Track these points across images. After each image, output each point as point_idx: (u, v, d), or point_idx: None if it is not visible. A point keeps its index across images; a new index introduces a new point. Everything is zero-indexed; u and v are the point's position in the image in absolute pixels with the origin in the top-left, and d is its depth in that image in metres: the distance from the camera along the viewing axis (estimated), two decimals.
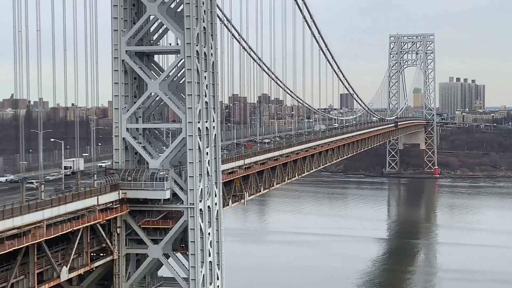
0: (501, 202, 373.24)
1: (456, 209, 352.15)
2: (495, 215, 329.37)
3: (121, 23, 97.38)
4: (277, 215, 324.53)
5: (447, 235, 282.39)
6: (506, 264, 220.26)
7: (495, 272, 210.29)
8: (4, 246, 72.23)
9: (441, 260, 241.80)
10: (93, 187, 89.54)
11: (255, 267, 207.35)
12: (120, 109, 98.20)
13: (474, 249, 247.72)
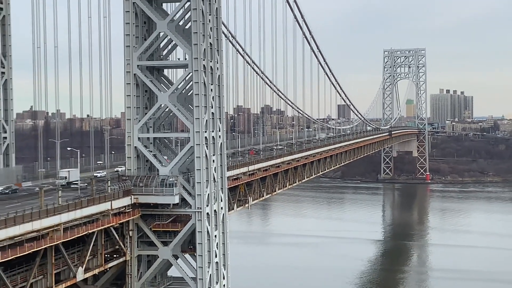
0: (489, 206, 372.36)
1: (447, 213, 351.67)
2: (484, 218, 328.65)
3: (133, 40, 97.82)
4: (279, 219, 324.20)
5: (439, 237, 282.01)
6: (495, 264, 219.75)
7: (485, 271, 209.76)
8: (24, 248, 72.56)
9: (433, 260, 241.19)
10: (107, 193, 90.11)
11: (260, 268, 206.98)
12: (132, 119, 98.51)
13: (464, 250, 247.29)
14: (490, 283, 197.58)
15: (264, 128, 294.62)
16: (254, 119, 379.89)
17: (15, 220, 71.49)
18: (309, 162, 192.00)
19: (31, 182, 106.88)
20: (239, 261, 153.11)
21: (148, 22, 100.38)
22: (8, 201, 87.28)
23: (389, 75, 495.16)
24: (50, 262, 79.02)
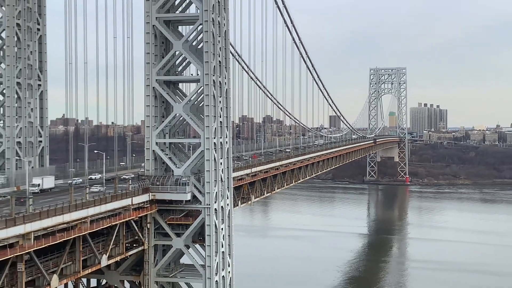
0: (461, 205, 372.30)
1: (424, 211, 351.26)
2: (457, 216, 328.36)
3: (152, 57, 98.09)
4: (278, 214, 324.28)
5: (417, 232, 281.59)
6: (466, 256, 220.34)
7: (457, 262, 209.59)
8: (56, 237, 72.91)
9: (412, 252, 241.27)
10: (128, 190, 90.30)
11: (261, 257, 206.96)
12: (151, 126, 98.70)
13: (439, 244, 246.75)
14: (462, 272, 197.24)
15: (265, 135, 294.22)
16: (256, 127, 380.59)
17: (48, 213, 71.72)
18: (304, 165, 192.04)
19: (62, 180, 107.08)
20: (243, 251, 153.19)
21: (165, 42, 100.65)
22: (42, 196, 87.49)
23: (374, 90, 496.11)
24: (78, 250, 79.28)
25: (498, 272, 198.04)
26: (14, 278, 69.03)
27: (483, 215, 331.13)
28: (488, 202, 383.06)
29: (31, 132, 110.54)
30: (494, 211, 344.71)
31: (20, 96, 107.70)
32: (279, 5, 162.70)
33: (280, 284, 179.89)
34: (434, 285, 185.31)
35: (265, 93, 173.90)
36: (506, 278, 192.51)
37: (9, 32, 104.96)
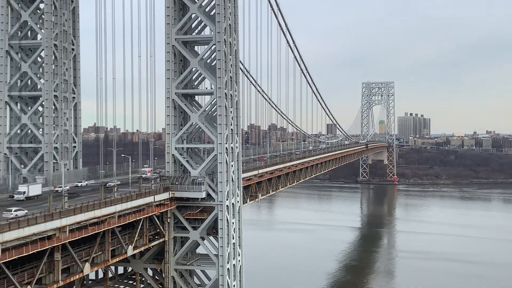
0: (443, 202, 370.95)
1: (410, 207, 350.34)
2: (439, 211, 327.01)
3: (172, 73, 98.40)
4: (282, 210, 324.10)
5: (404, 226, 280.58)
6: (448, 247, 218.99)
7: (440, 252, 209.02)
8: (88, 230, 73.19)
9: (399, 243, 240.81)
10: (151, 189, 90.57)
11: (267, 247, 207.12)
12: (171, 133, 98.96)
13: (424, 236, 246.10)
14: (445, 261, 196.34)
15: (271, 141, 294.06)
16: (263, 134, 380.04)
17: (81, 209, 72.05)
18: (305, 167, 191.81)
19: (94, 180, 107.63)
20: (251, 242, 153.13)
21: (183, 60, 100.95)
22: (77, 194, 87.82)
23: (366, 101, 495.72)
24: (108, 241, 79.56)
25: (476, 261, 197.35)
26: (52, 266, 69.32)
27: (463, 210, 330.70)
28: (467, 199, 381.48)
29: (67, 138, 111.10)
30: (472, 208, 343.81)
31: (57, 107, 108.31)
32: (282, 27, 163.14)
33: (284, 270, 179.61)
34: (420, 273, 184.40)
35: (270, 104, 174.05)
36: (483, 266, 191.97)
37: (48, 52, 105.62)
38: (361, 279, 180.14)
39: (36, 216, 64.43)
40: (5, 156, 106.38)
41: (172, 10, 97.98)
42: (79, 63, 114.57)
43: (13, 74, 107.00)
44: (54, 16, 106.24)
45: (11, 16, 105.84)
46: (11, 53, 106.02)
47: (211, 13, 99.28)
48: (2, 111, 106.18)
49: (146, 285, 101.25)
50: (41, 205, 74.42)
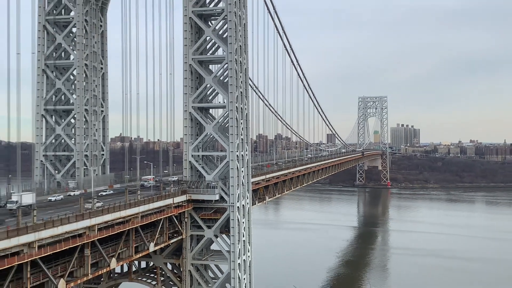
0: (432, 204, 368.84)
1: (402, 208, 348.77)
2: (428, 212, 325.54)
3: (189, 89, 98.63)
4: (287, 211, 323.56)
5: (396, 225, 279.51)
6: (437, 244, 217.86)
7: (429, 249, 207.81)
8: (114, 229, 73.17)
9: (393, 241, 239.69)
10: (170, 192, 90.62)
11: (273, 244, 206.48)
12: (188, 142, 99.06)
13: (415, 234, 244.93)
14: (434, 257, 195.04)
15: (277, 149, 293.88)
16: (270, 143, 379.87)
17: (109, 210, 72.15)
18: (307, 172, 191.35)
19: (120, 185, 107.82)
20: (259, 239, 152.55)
21: (199, 77, 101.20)
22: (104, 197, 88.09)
23: (362, 114, 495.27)
24: (132, 239, 79.43)
25: (463, 257, 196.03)
26: (82, 260, 69.39)
27: (450, 211, 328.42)
28: (453, 201, 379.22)
29: (96, 147, 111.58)
30: (457, 209, 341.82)
31: (87, 119, 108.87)
32: (287, 48, 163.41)
33: (289, 265, 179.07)
34: (412, 267, 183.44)
35: (276, 116, 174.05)
36: (469, 261, 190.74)
37: (79, 70, 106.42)
38: (359, 273, 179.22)
39: (69, 216, 64.61)
40: (41, 163, 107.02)
41: (189, 33, 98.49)
42: (107, 80, 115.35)
43: (48, 90, 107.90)
44: (85, 39, 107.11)
45: (47, 39, 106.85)
46: (47, 71, 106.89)
47: (224, 36, 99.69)
48: (39, 123, 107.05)
49: (166, 278, 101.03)
50: (72, 207, 74.69)
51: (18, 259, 55.88)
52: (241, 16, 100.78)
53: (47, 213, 68.53)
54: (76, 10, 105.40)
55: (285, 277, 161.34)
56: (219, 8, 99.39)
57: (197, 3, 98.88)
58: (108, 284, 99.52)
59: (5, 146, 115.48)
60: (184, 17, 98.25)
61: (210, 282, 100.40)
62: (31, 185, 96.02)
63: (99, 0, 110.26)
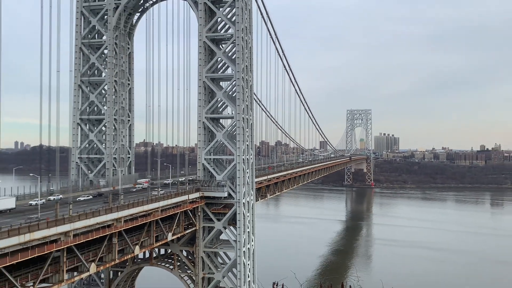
0: (409, 202, 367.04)
1: (384, 205, 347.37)
2: (407, 209, 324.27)
3: (202, 102, 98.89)
4: (285, 207, 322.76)
5: (379, 219, 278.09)
6: (414, 236, 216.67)
7: (408, 241, 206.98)
8: (138, 221, 73.30)
9: (376, 233, 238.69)
10: (186, 190, 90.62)
11: (273, 235, 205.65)
12: (201, 147, 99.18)
13: (395, 228, 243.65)
14: (412, 248, 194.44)
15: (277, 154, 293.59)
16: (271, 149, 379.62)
17: (133, 204, 72.23)
18: (303, 174, 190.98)
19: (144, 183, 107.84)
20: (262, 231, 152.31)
21: (211, 92, 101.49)
22: (129, 194, 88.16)
23: (350, 124, 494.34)
24: (153, 229, 79.51)
25: (437, 248, 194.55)
26: (110, 248, 69.43)
27: (425, 208, 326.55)
28: (428, 200, 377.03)
29: (123, 151, 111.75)
30: (431, 206, 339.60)
31: (116, 127, 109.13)
32: (286, 67, 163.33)
33: (287, 253, 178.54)
34: (392, 256, 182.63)
35: (276, 125, 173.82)
36: (441, 251, 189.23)
37: (109, 86, 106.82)
38: (346, 260, 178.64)
39: (99, 210, 64.70)
40: (77, 164, 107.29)
41: (203, 55, 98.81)
42: (133, 94, 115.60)
43: (83, 102, 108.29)
44: (115, 59, 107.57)
45: (83, 59, 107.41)
46: (82, 87, 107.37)
47: (233, 57, 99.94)
48: (75, 130, 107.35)
49: (182, 263, 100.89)
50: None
51: (56, 245, 55.95)
52: (247, 40, 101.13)
53: (81, 207, 68.71)
54: (107, 34, 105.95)
55: (284, 263, 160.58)
56: (229, 34, 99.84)
57: (210, 29, 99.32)
58: (132, 268, 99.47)
59: (46, 150, 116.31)
60: (199, 41, 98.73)
61: (219, 267, 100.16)
62: (68, 183, 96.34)
63: (127, 26, 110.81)
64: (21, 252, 50.98)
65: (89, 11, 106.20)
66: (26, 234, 51.37)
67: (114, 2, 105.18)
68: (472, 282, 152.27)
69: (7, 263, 49.21)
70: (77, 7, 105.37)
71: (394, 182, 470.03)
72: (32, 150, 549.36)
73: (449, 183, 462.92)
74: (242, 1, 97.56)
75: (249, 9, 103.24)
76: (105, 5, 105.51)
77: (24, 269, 54.41)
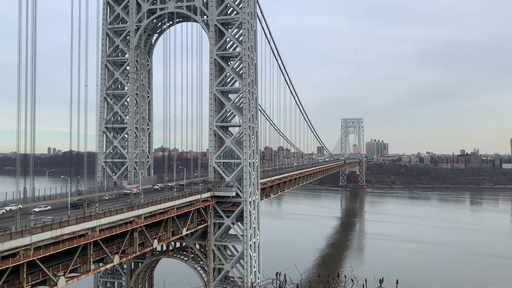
0: (398, 200, 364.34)
1: (375, 204, 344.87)
2: (395, 206, 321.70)
3: (213, 112, 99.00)
4: (287, 205, 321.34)
5: (371, 216, 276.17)
6: (402, 231, 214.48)
7: (397, 235, 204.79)
8: (156, 217, 73.18)
9: (368, 228, 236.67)
10: (199, 190, 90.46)
11: (277, 230, 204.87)
12: (212, 152, 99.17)
13: (385, 223, 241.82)
14: (400, 242, 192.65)
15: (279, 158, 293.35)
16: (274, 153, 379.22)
17: (152, 203, 72.20)
18: (303, 175, 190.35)
19: (162, 184, 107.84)
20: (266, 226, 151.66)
21: (221, 103, 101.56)
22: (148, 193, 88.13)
23: (344, 131, 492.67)
24: (169, 225, 79.35)
25: (422, 241, 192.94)
26: (132, 241, 69.37)
27: (411, 206, 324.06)
28: (414, 199, 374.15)
29: (143, 156, 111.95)
30: (417, 204, 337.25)
31: (137, 134, 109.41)
32: (287, 81, 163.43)
33: (288, 245, 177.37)
34: (382, 248, 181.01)
35: (278, 132, 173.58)
36: (427, 244, 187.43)
37: (131, 98, 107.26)
38: (341, 252, 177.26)
39: (122, 208, 64.73)
40: (102, 167, 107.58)
41: (214, 70, 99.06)
42: (152, 105, 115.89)
43: (108, 113, 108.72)
44: (136, 74, 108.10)
45: (108, 75, 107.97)
46: (107, 99, 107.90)
47: (240, 72, 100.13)
48: (101, 137, 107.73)
49: (195, 255, 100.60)
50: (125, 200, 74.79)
51: (84, 239, 55.98)
52: (253, 58, 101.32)
53: (106, 205, 68.73)
54: (129, 53, 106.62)
55: (286, 255, 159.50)
56: (236, 52, 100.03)
57: (220, 48, 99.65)
58: (151, 259, 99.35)
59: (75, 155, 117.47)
60: (210, 58, 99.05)
61: (228, 258, 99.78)
62: (94, 184, 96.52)
63: (146, 46, 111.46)
64: (53, 245, 51.07)
65: (114, 32, 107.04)
66: (57, 229, 51.47)
67: (136, 24, 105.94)
68: (453, 271, 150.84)
69: (41, 255, 49.31)
70: (103, 29, 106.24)
71: (384, 183, 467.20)
72: (63, 155, 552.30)
73: (433, 183, 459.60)
74: (248, 23, 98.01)
75: (254, 30, 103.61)
76: (128, 27, 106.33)
77: (56, 261, 54.48)
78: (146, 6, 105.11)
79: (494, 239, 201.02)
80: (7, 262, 45.06)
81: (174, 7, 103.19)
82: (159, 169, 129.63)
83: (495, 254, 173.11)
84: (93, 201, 63.30)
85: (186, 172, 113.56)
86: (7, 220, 55.22)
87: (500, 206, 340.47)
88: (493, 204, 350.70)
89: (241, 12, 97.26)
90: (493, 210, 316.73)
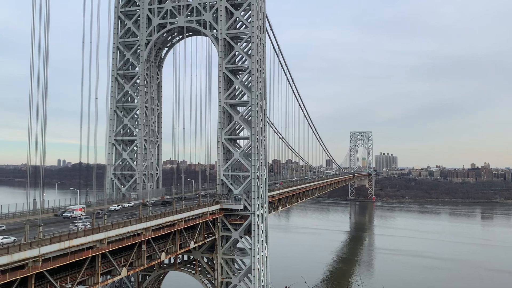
0: (407, 214, 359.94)
1: (384, 218, 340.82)
2: (405, 221, 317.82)
3: (221, 125, 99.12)
4: (295, 218, 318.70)
5: (380, 230, 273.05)
6: (412, 246, 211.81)
7: (406, 250, 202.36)
8: (164, 230, 72.77)
9: (377, 243, 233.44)
10: (206, 202, 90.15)
11: (285, 244, 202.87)
12: (220, 165, 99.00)
13: (394, 238, 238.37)
14: (410, 256, 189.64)
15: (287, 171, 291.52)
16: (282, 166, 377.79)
17: (160, 215, 71.98)
18: (311, 189, 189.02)
19: (169, 196, 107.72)
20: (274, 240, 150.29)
21: (229, 116, 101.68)
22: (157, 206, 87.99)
23: (353, 144, 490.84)
24: (177, 238, 78.82)
25: (433, 256, 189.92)
26: (139, 254, 69.00)
27: (421, 220, 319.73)
28: (424, 213, 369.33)
29: (152, 168, 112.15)
30: (427, 218, 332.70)
31: (146, 147, 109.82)
32: (295, 94, 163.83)
33: (296, 260, 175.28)
34: (392, 263, 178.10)
35: (287, 145, 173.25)
36: (438, 259, 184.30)
37: (141, 111, 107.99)
38: (350, 267, 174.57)
39: (130, 220, 64.60)
40: (111, 179, 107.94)
41: (223, 84, 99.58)
42: (161, 118, 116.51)
43: (118, 125, 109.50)
44: (146, 88, 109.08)
45: (118, 88, 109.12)
46: (117, 111, 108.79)
47: (248, 86, 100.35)
48: (110, 150, 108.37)
49: (202, 269, 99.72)
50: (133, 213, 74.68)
51: (92, 252, 55.82)
52: (261, 71, 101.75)
53: (115, 218, 68.69)
54: (139, 66, 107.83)
55: (294, 269, 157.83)
56: (245, 65, 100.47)
57: (229, 61, 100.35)
58: (158, 272, 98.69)
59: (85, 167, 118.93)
60: (219, 71, 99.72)
61: (236, 272, 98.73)
62: (103, 196, 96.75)
63: (156, 59, 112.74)
64: (61, 257, 50.94)
65: (124, 46, 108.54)
66: (66, 241, 51.41)
67: (146, 38, 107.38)
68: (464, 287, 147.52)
69: (49, 267, 49.18)
70: (114, 42, 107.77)
71: (393, 196, 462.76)
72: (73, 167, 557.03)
73: (443, 197, 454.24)
74: (257, 37, 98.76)
75: (263, 43, 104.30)
76: (138, 41, 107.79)
77: (64, 272, 54.25)
78: (157, 21, 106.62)
79: (509, 256, 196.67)
80: (16, 273, 44.96)
81: (184, 22, 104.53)
82: (167, 181, 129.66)
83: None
84: None
85: (194, 184, 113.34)
86: (16, 231, 55.40)
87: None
88: (505, 219, 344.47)
89: (250, 26, 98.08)
90: (505, 225, 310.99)
